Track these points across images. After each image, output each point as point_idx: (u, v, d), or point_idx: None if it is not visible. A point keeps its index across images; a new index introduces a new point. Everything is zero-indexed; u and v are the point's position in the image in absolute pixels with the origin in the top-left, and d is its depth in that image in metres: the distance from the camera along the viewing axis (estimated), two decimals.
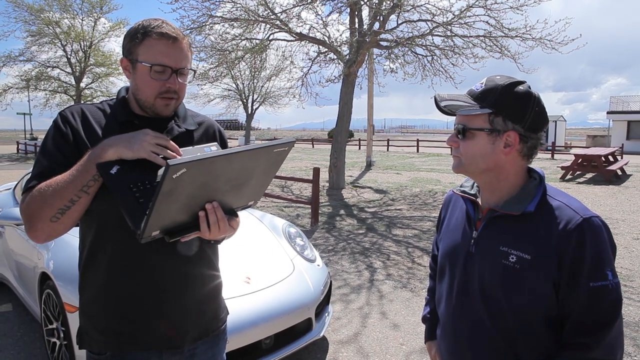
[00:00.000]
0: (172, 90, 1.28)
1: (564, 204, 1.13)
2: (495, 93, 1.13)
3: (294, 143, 1.16)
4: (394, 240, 6.50)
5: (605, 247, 1.08)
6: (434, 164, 18.48)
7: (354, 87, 11.29)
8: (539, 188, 1.17)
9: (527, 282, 1.10)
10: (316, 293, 3.07)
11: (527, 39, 10.01)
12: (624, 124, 29.88)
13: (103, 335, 1.32)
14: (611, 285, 1.06)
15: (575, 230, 1.06)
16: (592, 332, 1.06)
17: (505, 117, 1.12)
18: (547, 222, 1.10)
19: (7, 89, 26.97)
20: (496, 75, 1.17)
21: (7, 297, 4.34)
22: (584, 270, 1.05)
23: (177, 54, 1.27)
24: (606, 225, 1.11)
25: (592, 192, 10.66)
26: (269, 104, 32.04)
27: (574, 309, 1.07)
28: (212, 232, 1.16)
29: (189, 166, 0.95)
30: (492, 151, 1.14)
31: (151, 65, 1.24)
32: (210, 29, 11.12)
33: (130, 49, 1.27)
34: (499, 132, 1.13)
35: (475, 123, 1.15)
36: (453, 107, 1.18)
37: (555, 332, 1.12)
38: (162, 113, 1.31)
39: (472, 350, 1.22)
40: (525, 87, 1.13)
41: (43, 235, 1.21)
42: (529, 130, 1.13)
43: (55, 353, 2.92)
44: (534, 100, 1.12)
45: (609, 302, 1.06)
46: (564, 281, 1.07)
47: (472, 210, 1.27)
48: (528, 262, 1.10)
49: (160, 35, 1.24)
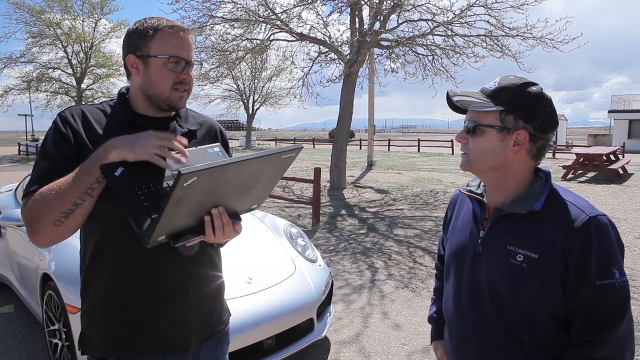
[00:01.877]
0: (185, 82, 1.30)
1: (571, 202, 1.13)
2: (509, 92, 1.14)
3: (300, 149, 1.18)
4: (396, 240, 6.50)
5: (612, 246, 1.07)
6: (435, 164, 18.46)
7: (354, 87, 11.29)
8: (545, 187, 1.17)
9: (534, 281, 1.10)
10: (318, 293, 3.07)
11: (528, 38, 10.00)
12: (625, 123, 29.83)
13: (107, 339, 1.30)
14: (618, 284, 1.06)
15: (582, 229, 1.07)
16: (598, 331, 1.06)
17: (516, 116, 1.13)
18: (554, 221, 1.11)
19: (8, 91, 27.02)
20: (509, 75, 1.19)
21: (9, 298, 4.35)
22: (590, 269, 1.05)
23: (188, 47, 1.30)
24: (613, 223, 1.11)
25: (593, 191, 10.64)
26: (270, 104, 32.11)
27: (581, 307, 1.07)
28: (216, 236, 1.15)
29: (200, 174, 0.95)
30: (501, 149, 1.15)
31: (169, 57, 1.26)
32: (211, 29, 11.13)
33: (139, 46, 1.27)
34: (509, 130, 1.14)
35: (487, 120, 1.16)
36: (465, 103, 1.19)
37: (563, 332, 1.12)
38: (177, 105, 1.32)
39: (480, 350, 1.22)
40: (538, 89, 1.15)
41: (46, 240, 1.19)
42: (539, 131, 1.14)
43: (57, 354, 2.92)
44: (546, 102, 1.14)
45: (616, 300, 1.06)
46: (571, 279, 1.07)
47: (479, 210, 1.27)
48: (535, 261, 1.10)
49: (172, 27, 1.27)
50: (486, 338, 1.20)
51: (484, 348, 1.21)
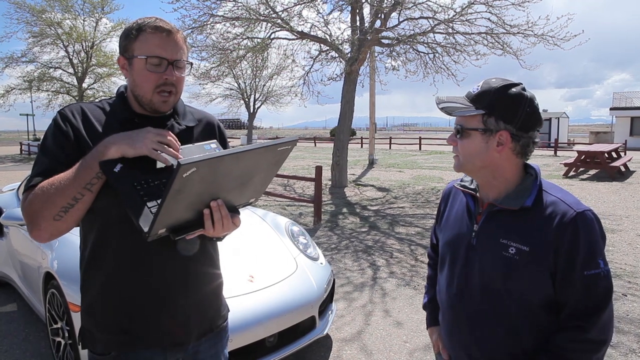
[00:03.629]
0: (169, 83, 1.28)
1: (559, 199, 1.20)
2: (489, 95, 1.20)
3: (296, 141, 1.20)
4: (397, 238, 6.50)
5: (596, 238, 1.16)
6: (437, 162, 18.45)
7: (355, 85, 11.28)
8: (534, 183, 1.24)
9: (525, 272, 1.18)
10: (319, 291, 3.07)
11: (529, 35, 9.99)
12: (627, 120, 29.75)
13: (106, 334, 1.32)
14: (603, 273, 1.15)
15: (570, 224, 1.15)
16: (587, 316, 1.15)
17: (497, 118, 1.20)
18: (544, 216, 1.19)
19: (9, 90, 27.09)
20: (492, 78, 1.25)
21: (12, 297, 4.37)
22: (578, 260, 1.14)
23: (172, 46, 1.27)
24: (597, 217, 1.19)
25: (595, 189, 10.62)
26: (271, 102, 32.10)
27: (570, 296, 1.16)
28: (216, 230, 1.17)
29: (199, 165, 0.96)
30: (486, 150, 1.22)
31: (147, 58, 1.25)
32: (212, 28, 11.14)
33: (126, 47, 1.28)
34: (491, 132, 1.21)
35: (471, 123, 1.23)
36: (450, 109, 1.26)
37: (552, 317, 1.20)
38: (161, 109, 1.31)
39: (474, 336, 1.29)
40: (519, 89, 1.21)
41: (46, 235, 1.21)
42: (521, 130, 1.20)
43: (60, 352, 2.93)
44: (526, 101, 1.20)
45: (602, 288, 1.15)
46: (560, 270, 1.16)
47: (473, 204, 1.34)
48: (526, 254, 1.18)
49: (155, 28, 1.26)
50: (479, 324, 1.27)
51: (477, 334, 1.27)
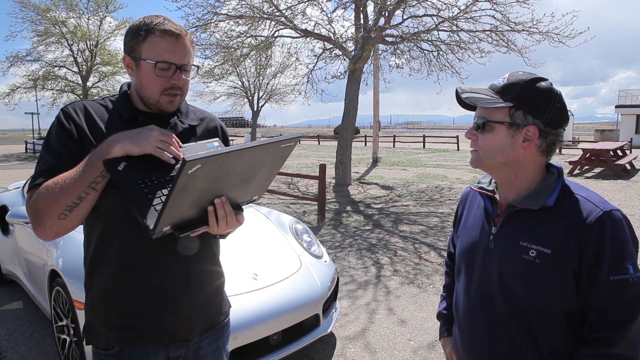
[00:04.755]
0: (176, 87, 1.29)
1: (584, 197, 1.12)
2: (517, 87, 1.13)
3: (299, 138, 1.20)
4: (401, 236, 6.49)
5: (626, 241, 1.06)
6: (441, 160, 18.41)
7: (359, 83, 11.26)
8: (557, 182, 1.17)
9: (547, 277, 1.10)
10: (323, 289, 3.08)
11: (533, 32, 9.93)
12: (632, 118, 29.57)
13: (110, 330, 1.33)
14: (632, 279, 1.04)
15: (596, 224, 1.06)
16: (613, 327, 1.05)
17: (526, 111, 1.13)
18: (567, 216, 1.10)
19: (15, 89, 27.18)
20: (519, 71, 1.18)
21: (17, 294, 4.39)
22: (604, 264, 1.04)
23: (181, 51, 1.27)
24: (627, 218, 1.10)
25: (600, 187, 10.57)
26: (275, 101, 32.03)
27: (595, 303, 1.07)
28: (219, 227, 1.17)
29: (204, 162, 0.97)
30: (511, 145, 1.14)
31: (156, 63, 1.25)
32: (215, 26, 11.12)
33: (132, 47, 1.28)
34: (518, 126, 1.13)
35: (496, 116, 1.15)
36: (474, 100, 1.18)
37: (575, 328, 1.11)
38: (167, 109, 1.32)
39: (491, 347, 1.21)
40: (548, 84, 1.14)
41: (51, 233, 1.21)
42: (549, 126, 1.13)
43: (65, 350, 2.95)
44: (556, 97, 1.13)
45: (631, 296, 1.05)
46: (585, 275, 1.06)
47: (491, 207, 1.27)
48: (548, 257, 1.09)
49: (164, 32, 1.25)
50: (498, 334, 1.18)
51: (495, 345, 1.19)
